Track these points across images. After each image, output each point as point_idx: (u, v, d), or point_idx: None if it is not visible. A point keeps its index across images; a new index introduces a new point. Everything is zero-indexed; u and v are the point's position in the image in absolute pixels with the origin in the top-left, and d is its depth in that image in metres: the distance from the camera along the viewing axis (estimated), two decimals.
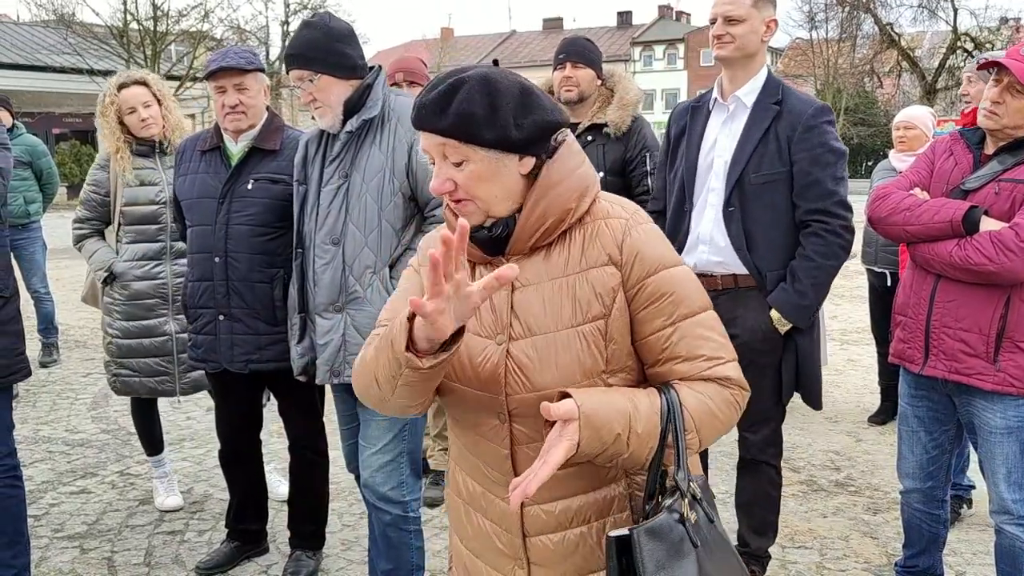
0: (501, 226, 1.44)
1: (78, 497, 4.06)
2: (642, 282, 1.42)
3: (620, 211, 1.47)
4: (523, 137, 1.39)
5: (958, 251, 2.50)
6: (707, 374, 1.42)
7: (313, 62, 2.59)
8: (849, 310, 8.77)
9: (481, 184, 1.41)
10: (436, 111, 1.37)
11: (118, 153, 3.54)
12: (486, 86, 1.37)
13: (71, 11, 25.29)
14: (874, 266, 4.95)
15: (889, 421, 5.13)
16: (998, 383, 2.53)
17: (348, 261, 2.63)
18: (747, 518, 3.06)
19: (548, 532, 1.49)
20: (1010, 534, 2.63)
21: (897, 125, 4.78)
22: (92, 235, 3.72)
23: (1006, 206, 2.48)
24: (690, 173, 2.91)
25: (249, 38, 26.76)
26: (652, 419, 1.36)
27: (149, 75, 3.67)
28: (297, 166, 2.80)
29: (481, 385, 1.46)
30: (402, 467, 2.71)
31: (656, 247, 1.44)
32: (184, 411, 5.32)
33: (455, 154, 1.39)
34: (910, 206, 2.63)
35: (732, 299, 2.84)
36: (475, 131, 1.37)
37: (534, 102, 1.41)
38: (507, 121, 1.37)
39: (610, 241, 1.43)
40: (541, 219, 1.42)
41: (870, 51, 32.60)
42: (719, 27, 2.76)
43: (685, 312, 1.43)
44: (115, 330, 3.62)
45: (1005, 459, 2.60)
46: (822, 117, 2.78)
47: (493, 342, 1.45)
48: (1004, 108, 2.49)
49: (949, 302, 2.58)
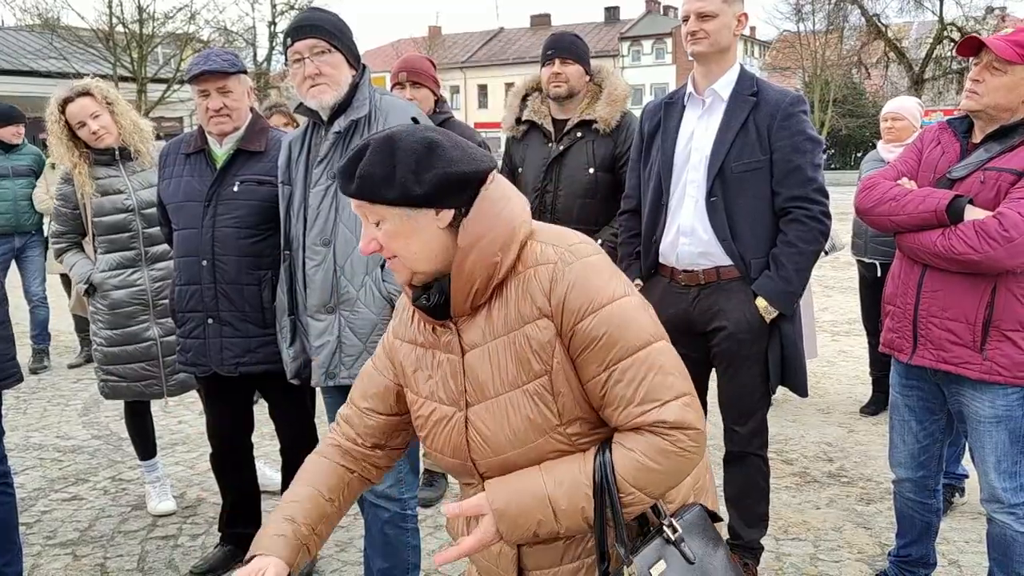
0: (436, 294, 1.45)
1: (70, 503, 4.05)
2: (573, 328, 1.38)
3: (550, 253, 1.42)
4: (425, 192, 1.39)
5: (942, 241, 2.49)
6: (637, 422, 1.37)
7: (331, 36, 2.56)
8: (840, 301, 8.79)
9: (398, 240, 1.43)
10: (346, 177, 1.44)
11: (76, 169, 3.49)
12: (387, 146, 1.41)
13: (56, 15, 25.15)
14: (864, 257, 4.96)
15: (881, 412, 5.15)
16: (985, 372, 2.53)
17: (339, 262, 2.61)
18: (737, 511, 3.07)
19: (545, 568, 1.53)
20: (1000, 522, 2.65)
21: (885, 116, 4.79)
22: (70, 248, 3.70)
23: (991, 195, 2.47)
24: (666, 167, 2.92)
25: (236, 39, 26.65)
26: (578, 491, 1.36)
27: (92, 83, 3.54)
28: (281, 167, 2.78)
29: (451, 452, 1.51)
30: (400, 465, 2.69)
31: (586, 288, 1.38)
32: (176, 415, 5.31)
33: (372, 214, 1.44)
34: (895, 196, 2.63)
35: (715, 292, 2.86)
36: (377, 191, 1.40)
37: (438, 156, 1.40)
38: (406, 178, 1.38)
39: (538, 292, 1.40)
40: (469, 281, 1.41)
41: (857, 42, 32.70)
42: (692, 23, 2.80)
43: (619, 354, 1.37)
44: (100, 338, 3.61)
45: (995, 448, 2.60)
46: (799, 106, 2.83)
47: (455, 410, 1.49)
48: (984, 87, 2.49)
49: (936, 291, 2.59)
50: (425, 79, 3.82)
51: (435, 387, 1.52)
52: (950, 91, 30.06)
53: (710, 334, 2.91)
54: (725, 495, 3.13)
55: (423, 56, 4.06)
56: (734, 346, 2.85)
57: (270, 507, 3.69)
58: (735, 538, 3.09)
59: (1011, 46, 2.44)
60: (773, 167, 2.80)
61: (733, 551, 3.11)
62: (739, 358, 2.87)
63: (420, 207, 1.40)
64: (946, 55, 29.49)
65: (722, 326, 2.84)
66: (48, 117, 3.47)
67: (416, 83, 3.79)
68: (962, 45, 2.57)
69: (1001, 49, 2.43)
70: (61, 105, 3.46)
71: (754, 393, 2.91)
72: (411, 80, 3.79)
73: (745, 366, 2.88)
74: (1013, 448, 2.59)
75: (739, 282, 2.84)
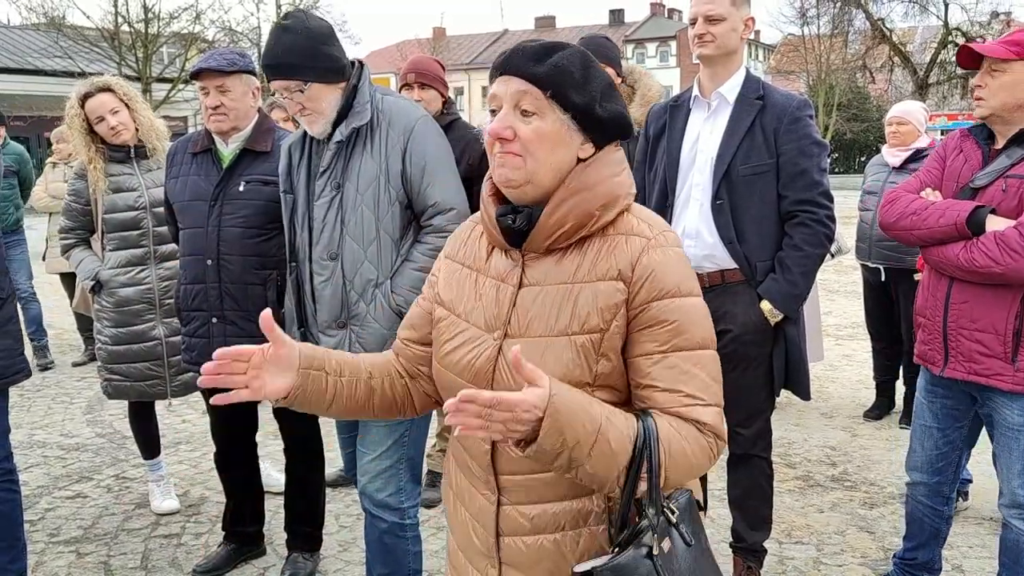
0: (524, 219, 1.43)
1: (74, 501, 4.05)
2: (646, 305, 1.37)
3: (645, 229, 1.42)
4: (604, 118, 1.41)
5: (964, 254, 2.49)
6: (683, 411, 1.36)
7: (300, 70, 2.44)
8: (844, 305, 8.79)
9: (543, 144, 1.38)
10: (533, 58, 1.38)
11: (91, 164, 3.51)
12: (585, 58, 1.41)
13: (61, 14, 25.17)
14: (868, 261, 4.96)
15: (884, 416, 5.15)
16: (1018, 383, 2.51)
17: (348, 276, 2.55)
18: (741, 513, 3.07)
19: (522, 534, 1.47)
20: (1016, 528, 2.64)
21: (890, 120, 4.80)
22: (78, 244, 3.71)
23: (1014, 203, 2.46)
24: (672, 169, 2.93)
25: (241, 39, 26.66)
26: (623, 440, 1.30)
27: (113, 80, 3.57)
28: (282, 175, 2.71)
29: (472, 377, 1.46)
30: (401, 473, 2.65)
31: (672, 273, 1.39)
32: (179, 414, 5.31)
33: (533, 104, 1.38)
34: (916, 210, 2.64)
35: (720, 295, 2.85)
36: (567, 89, 1.37)
37: (618, 96, 1.44)
38: (596, 95, 1.39)
39: (625, 257, 1.39)
40: (561, 222, 1.40)
41: (862, 46, 32.63)
42: (700, 26, 2.81)
43: (681, 344, 1.37)
44: (105, 336, 3.61)
45: (1021, 455, 2.59)
46: (805, 110, 2.85)
47: (490, 336, 1.45)
48: (987, 91, 2.52)
49: (963, 303, 2.58)
50: (433, 81, 3.79)
51: (472, 309, 1.49)
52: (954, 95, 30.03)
53: None
54: (729, 497, 3.13)
55: (432, 58, 4.03)
56: (739, 349, 2.85)
57: (273, 506, 3.69)
58: (738, 540, 3.09)
59: (1005, 46, 2.48)
60: (779, 170, 2.80)
61: (736, 553, 3.12)
62: (744, 361, 2.87)
63: (584, 129, 1.40)
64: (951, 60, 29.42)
65: (727, 329, 2.84)
66: (67, 111, 3.50)
67: (424, 84, 3.75)
68: (960, 57, 2.61)
69: (995, 51, 2.48)
70: (81, 100, 3.49)
71: (758, 395, 2.91)
72: (419, 81, 3.75)
73: (750, 369, 2.88)
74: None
75: (744, 285, 2.84)
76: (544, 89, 1.37)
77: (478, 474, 1.51)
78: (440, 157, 2.55)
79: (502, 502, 1.47)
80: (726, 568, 3.26)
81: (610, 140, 1.45)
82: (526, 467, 1.43)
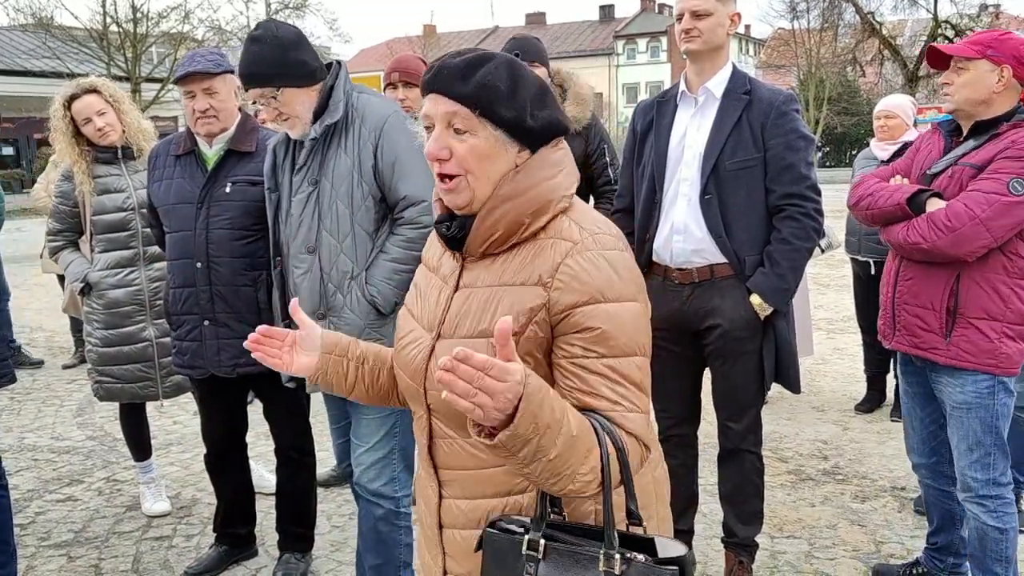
0: (457, 227, 1.45)
1: (64, 505, 4.04)
2: (570, 310, 1.35)
3: (575, 233, 1.40)
4: (533, 127, 1.40)
5: (903, 231, 2.66)
6: (610, 416, 1.33)
7: (272, 77, 2.53)
8: (834, 299, 8.81)
9: (480, 160, 1.39)
10: (459, 76, 1.36)
11: (77, 166, 3.49)
12: (512, 68, 1.39)
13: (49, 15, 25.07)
14: (858, 255, 4.98)
15: (875, 409, 5.17)
16: (951, 357, 2.64)
17: (326, 269, 2.62)
18: (732, 508, 3.08)
19: (459, 527, 1.50)
20: (973, 514, 2.70)
21: (878, 114, 4.80)
22: (66, 246, 3.69)
23: (956, 189, 2.61)
24: (660, 164, 2.93)
25: (230, 39, 26.60)
26: (583, 425, 1.27)
27: (99, 81, 3.55)
28: (267, 173, 2.77)
29: (412, 374, 1.50)
30: (394, 463, 2.71)
31: (597, 279, 1.35)
32: (170, 415, 5.30)
33: (463, 123, 1.37)
34: (873, 192, 2.80)
35: (709, 290, 2.87)
36: (495, 106, 1.36)
37: (550, 99, 1.43)
38: (525, 105, 1.38)
39: (548, 262, 1.37)
40: (491, 230, 1.41)
41: (852, 40, 32.70)
42: (687, 21, 2.82)
43: (605, 351, 1.35)
44: (95, 339, 3.59)
45: (965, 435, 2.67)
46: (791, 105, 2.87)
47: (428, 336, 1.49)
48: (953, 87, 2.65)
49: (908, 280, 2.73)
50: (417, 79, 3.77)
51: (423, 309, 1.53)
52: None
53: (704, 332, 2.91)
54: (720, 492, 3.13)
55: (416, 56, 4.06)
56: (729, 343, 2.86)
57: (265, 507, 3.69)
58: (730, 535, 3.10)
59: (967, 45, 2.63)
60: (767, 165, 2.82)
61: (728, 548, 3.12)
62: (734, 355, 2.88)
63: (516, 139, 1.40)
64: None
65: (716, 324, 2.85)
66: (53, 113, 3.48)
67: (408, 83, 3.78)
68: (929, 58, 2.74)
69: (959, 50, 2.63)
70: (67, 101, 3.46)
71: (749, 390, 2.92)
72: (403, 80, 3.79)
73: (740, 363, 2.89)
74: (986, 438, 2.64)
75: (733, 279, 2.85)
76: (472, 108, 1.36)
77: (425, 466, 1.56)
78: (411, 151, 2.60)
79: (443, 495, 1.52)
80: (718, 563, 3.27)
81: (536, 145, 1.43)
82: (458, 463, 1.48)
